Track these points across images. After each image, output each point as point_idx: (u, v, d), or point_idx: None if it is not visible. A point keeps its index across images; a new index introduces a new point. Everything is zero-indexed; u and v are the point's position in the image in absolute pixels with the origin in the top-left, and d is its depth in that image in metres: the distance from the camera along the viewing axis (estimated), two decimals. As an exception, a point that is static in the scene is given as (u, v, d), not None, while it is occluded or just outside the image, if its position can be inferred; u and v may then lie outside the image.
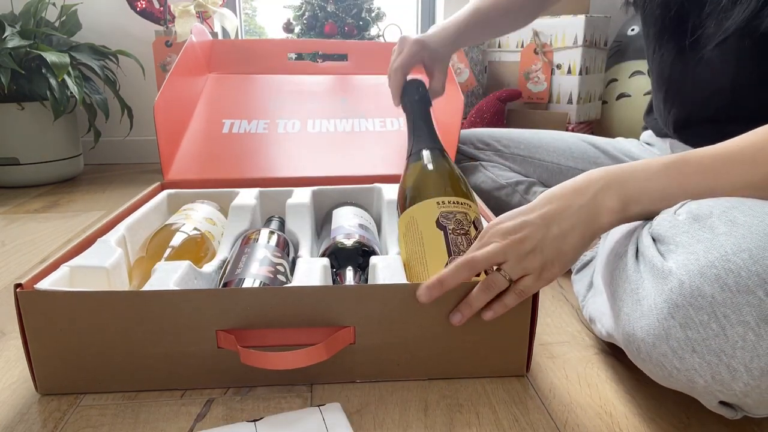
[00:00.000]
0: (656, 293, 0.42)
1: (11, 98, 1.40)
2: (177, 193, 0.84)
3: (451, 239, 0.56)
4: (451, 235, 0.56)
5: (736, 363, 0.38)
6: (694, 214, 0.43)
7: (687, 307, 0.39)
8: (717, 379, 0.39)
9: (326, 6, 1.61)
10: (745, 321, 0.37)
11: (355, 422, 0.49)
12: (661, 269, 0.42)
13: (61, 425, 0.49)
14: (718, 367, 0.39)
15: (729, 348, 0.38)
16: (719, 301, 0.38)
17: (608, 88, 1.66)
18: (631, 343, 0.45)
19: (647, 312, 0.42)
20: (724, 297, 0.38)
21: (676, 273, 0.40)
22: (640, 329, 0.43)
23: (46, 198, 1.37)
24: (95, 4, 1.66)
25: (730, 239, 0.39)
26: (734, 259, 0.38)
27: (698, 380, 0.40)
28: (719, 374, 0.39)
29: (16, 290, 0.50)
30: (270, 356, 0.50)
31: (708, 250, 0.39)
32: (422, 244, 0.57)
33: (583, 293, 0.67)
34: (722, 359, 0.38)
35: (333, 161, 0.97)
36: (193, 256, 0.65)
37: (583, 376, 0.57)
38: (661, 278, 0.41)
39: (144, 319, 0.51)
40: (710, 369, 0.39)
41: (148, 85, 1.67)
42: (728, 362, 0.38)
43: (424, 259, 0.57)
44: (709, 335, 0.38)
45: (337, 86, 1.19)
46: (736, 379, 0.38)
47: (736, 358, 0.38)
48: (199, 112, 1.07)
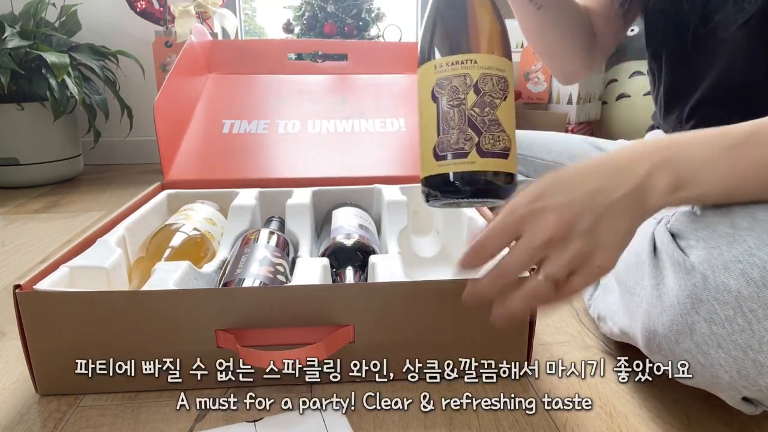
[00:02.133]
0: (678, 289, 0.41)
1: (11, 98, 1.41)
2: (177, 193, 0.84)
3: (442, 115, 0.46)
4: (443, 109, 0.46)
5: (762, 358, 0.38)
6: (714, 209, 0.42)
7: (712, 301, 0.39)
8: (743, 374, 0.39)
9: (326, 6, 1.61)
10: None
11: (355, 422, 0.49)
12: (682, 264, 0.41)
13: (61, 425, 0.49)
14: (744, 362, 0.38)
15: (756, 343, 0.38)
16: (745, 296, 0.37)
17: (608, 88, 1.66)
18: (651, 340, 0.44)
19: (669, 308, 0.42)
20: (750, 291, 0.37)
21: (699, 268, 0.40)
22: (662, 325, 0.42)
23: (46, 198, 1.37)
24: (95, 5, 1.66)
25: (753, 234, 0.39)
26: (759, 254, 0.37)
27: (723, 376, 0.40)
28: (745, 369, 0.39)
29: (15, 291, 0.50)
30: (269, 355, 0.50)
31: (731, 244, 0.39)
32: (421, 114, 0.48)
33: (590, 291, 0.67)
34: (749, 354, 0.38)
35: (333, 162, 0.97)
36: (193, 256, 0.65)
37: (583, 376, 0.57)
38: (684, 273, 0.41)
39: (143, 319, 0.51)
40: (736, 364, 0.39)
41: (148, 86, 1.67)
42: (755, 357, 0.38)
43: (421, 131, 0.48)
44: (735, 330, 0.38)
45: (337, 86, 1.19)
46: (762, 374, 0.38)
47: (763, 353, 0.37)
48: (199, 113, 1.07)
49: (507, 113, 0.46)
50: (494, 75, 0.46)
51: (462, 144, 0.45)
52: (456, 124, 0.45)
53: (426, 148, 0.47)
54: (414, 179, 0.89)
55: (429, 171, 0.47)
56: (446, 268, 0.76)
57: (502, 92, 0.46)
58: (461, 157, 0.45)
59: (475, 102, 0.45)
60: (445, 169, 0.46)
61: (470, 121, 0.45)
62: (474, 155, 0.45)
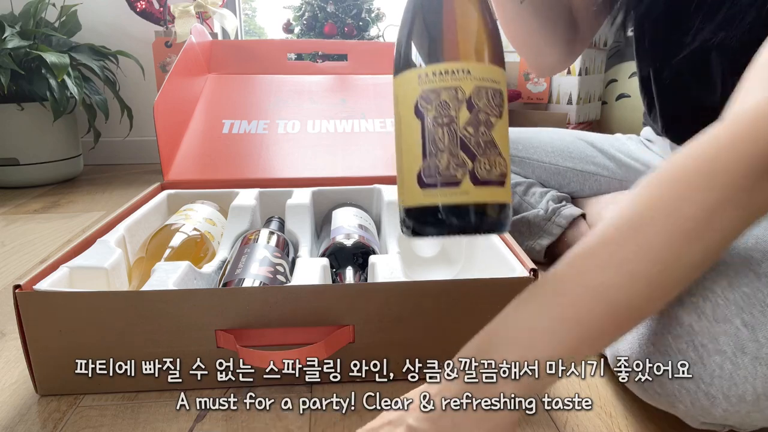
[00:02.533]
0: None
1: (11, 99, 1.41)
2: (177, 193, 0.84)
3: (428, 134, 0.39)
4: (429, 128, 0.39)
5: (714, 391, 0.39)
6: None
7: (665, 335, 0.40)
8: (696, 405, 0.40)
9: (326, 6, 1.61)
10: (722, 350, 0.38)
11: (355, 422, 0.49)
12: None
13: (61, 426, 0.49)
14: (697, 394, 0.39)
15: (707, 376, 0.39)
16: (696, 330, 0.39)
17: (608, 88, 1.67)
18: (615, 363, 0.46)
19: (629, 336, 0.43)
20: (701, 326, 0.39)
21: None
22: (624, 351, 0.44)
23: (46, 198, 1.37)
24: (95, 5, 1.66)
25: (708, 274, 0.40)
26: (712, 287, 0.39)
27: (679, 405, 0.41)
28: (698, 401, 0.40)
29: (15, 291, 0.50)
30: (269, 355, 0.50)
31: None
32: (400, 131, 0.41)
33: None
34: (701, 387, 0.39)
35: (332, 162, 0.97)
36: (193, 256, 0.65)
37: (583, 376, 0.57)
38: None
39: (143, 319, 0.51)
40: (689, 396, 0.40)
41: (148, 86, 1.67)
42: (707, 390, 0.39)
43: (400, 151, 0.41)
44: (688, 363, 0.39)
45: (337, 86, 1.19)
46: (715, 405, 0.39)
47: (714, 386, 0.38)
48: (199, 113, 1.07)
49: (503, 132, 0.40)
50: (489, 88, 0.40)
51: (453, 170, 0.39)
52: (446, 146, 0.39)
53: (408, 173, 0.40)
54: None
55: (412, 201, 0.40)
56: (446, 269, 0.76)
57: (497, 108, 0.40)
58: (452, 185, 0.39)
59: (468, 120, 0.39)
60: (432, 200, 0.39)
61: (463, 143, 0.39)
62: (467, 184, 0.39)
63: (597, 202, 0.87)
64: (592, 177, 0.89)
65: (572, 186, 0.91)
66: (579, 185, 0.90)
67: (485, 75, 0.39)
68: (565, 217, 0.85)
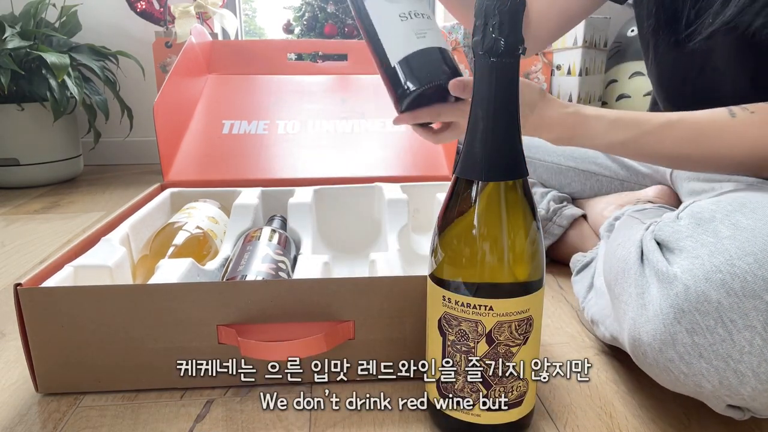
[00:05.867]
0: (662, 298, 0.41)
1: (11, 99, 1.41)
2: (180, 191, 0.85)
3: (448, 352, 0.42)
4: (449, 347, 0.42)
5: (743, 368, 0.38)
6: (696, 217, 0.43)
7: (693, 312, 0.39)
8: (725, 384, 0.39)
9: (326, 7, 1.61)
10: (752, 326, 0.37)
11: (355, 422, 0.49)
12: (666, 274, 0.42)
13: (61, 426, 0.49)
14: (726, 372, 0.39)
15: (736, 353, 0.38)
16: (725, 306, 0.38)
17: (608, 89, 1.67)
18: (637, 348, 0.44)
19: (653, 317, 0.42)
20: (730, 302, 0.38)
21: (681, 278, 0.40)
22: (646, 334, 0.43)
23: (46, 199, 1.37)
24: (95, 5, 1.66)
25: (735, 243, 0.39)
26: (739, 263, 0.38)
27: (706, 385, 0.40)
28: (726, 379, 0.39)
29: (17, 288, 0.50)
30: (268, 346, 0.50)
31: (712, 254, 0.39)
32: (426, 333, 0.45)
33: (584, 294, 0.67)
34: (729, 364, 0.38)
35: (332, 162, 0.97)
36: (196, 254, 0.65)
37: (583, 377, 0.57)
38: (666, 283, 0.41)
39: (144, 313, 0.51)
40: (718, 374, 0.39)
41: (148, 86, 1.67)
42: (736, 367, 0.38)
43: (427, 347, 0.45)
44: (716, 340, 0.38)
45: (337, 86, 1.19)
46: (743, 383, 0.38)
47: (744, 363, 0.38)
48: (199, 113, 1.07)
49: (529, 350, 0.41)
50: (514, 321, 0.39)
51: (467, 394, 0.42)
52: (462, 371, 0.41)
53: (430, 368, 0.44)
54: (414, 179, 0.89)
55: (431, 395, 0.45)
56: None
57: (522, 336, 0.40)
58: (465, 408, 0.42)
59: (486, 353, 0.40)
60: (447, 411, 0.43)
61: (479, 373, 0.41)
62: (478, 409, 0.42)
63: (598, 203, 0.87)
64: (593, 177, 0.89)
65: (573, 186, 0.91)
66: (580, 185, 0.90)
67: (510, 310, 0.39)
68: (566, 218, 0.85)
